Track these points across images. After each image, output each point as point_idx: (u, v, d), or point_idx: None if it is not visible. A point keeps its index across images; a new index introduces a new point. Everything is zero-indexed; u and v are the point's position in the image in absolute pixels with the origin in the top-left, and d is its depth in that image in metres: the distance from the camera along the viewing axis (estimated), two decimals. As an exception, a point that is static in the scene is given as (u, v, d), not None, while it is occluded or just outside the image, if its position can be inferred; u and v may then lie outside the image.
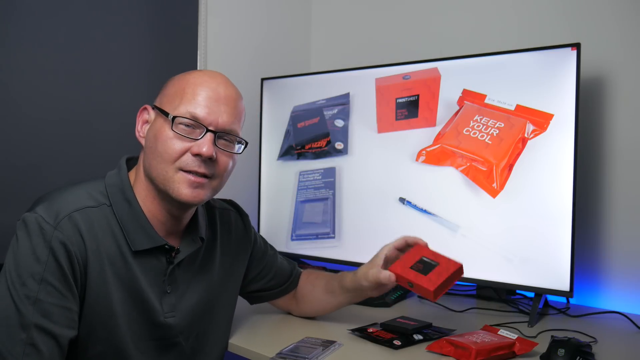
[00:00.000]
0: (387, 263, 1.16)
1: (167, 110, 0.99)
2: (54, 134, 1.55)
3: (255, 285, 1.28)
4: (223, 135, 1.01)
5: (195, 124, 0.98)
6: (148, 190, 1.02)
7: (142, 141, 1.03)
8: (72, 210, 0.94)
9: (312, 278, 1.32)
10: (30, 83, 1.51)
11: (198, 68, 1.84)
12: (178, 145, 0.97)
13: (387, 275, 1.12)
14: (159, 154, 0.98)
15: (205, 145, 0.97)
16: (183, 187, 0.98)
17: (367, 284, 1.17)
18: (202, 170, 0.99)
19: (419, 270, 1.00)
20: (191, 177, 0.98)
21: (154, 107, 1.03)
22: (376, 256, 1.18)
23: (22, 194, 1.42)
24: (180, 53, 1.82)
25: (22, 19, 1.48)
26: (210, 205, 1.20)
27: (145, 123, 1.04)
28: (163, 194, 1.01)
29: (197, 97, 0.99)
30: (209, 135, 0.99)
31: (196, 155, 0.98)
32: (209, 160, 0.99)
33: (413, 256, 1.08)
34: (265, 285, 1.29)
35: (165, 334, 1.04)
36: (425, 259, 1.02)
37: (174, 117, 0.97)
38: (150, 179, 1.01)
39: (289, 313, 1.37)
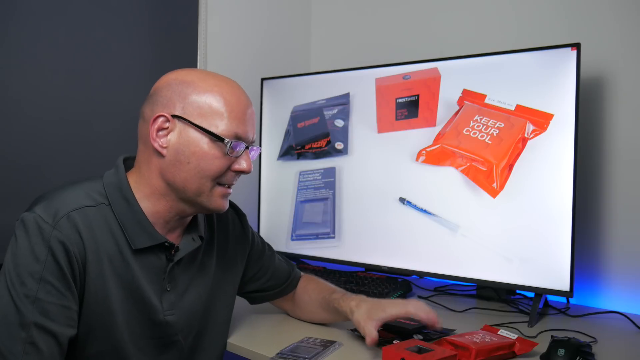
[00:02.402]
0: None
1: (206, 127, 0.98)
2: (54, 134, 1.55)
3: (253, 286, 1.28)
4: (250, 147, 1.05)
5: (237, 142, 1.01)
6: (160, 193, 1.02)
7: (164, 152, 0.99)
8: (70, 209, 0.94)
9: (309, 289, 1.31)
10: (30, 83, 1.51)
11: (198, 68, 1.84)
12: (223, 163, 1.00)
13: (371, 336, 1.07)
14: (201, 171, 0.99)
15: (246, 162, 1.03)
16: (219, 200, 1.03)
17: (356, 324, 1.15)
18: (235, 182, 1.05)
19: (413, 351, 1.00)
20: (225, 191, 1.04)
21: (177, 117, 0.98)
22: (376, 316, 1.12)
23: (22, 194, 1.42)
24: (180, 53, 1.82)
25: (22, 19, 1.48)
26: None
27: (160, 130, 0.99)
28: (189, 202, 1.02)
29: (237, 114, 1.00)
30: (247, 151, 1.03)
31: (237, 171, 1.02)
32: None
33: (409, 343, 1.07)
34: (262, 286, 1.28)
35: (164, 332, 1.04)
36: (421, 346, 1.03)
37: (230, 142, 0.98)
38: (179, 190, 1.00)
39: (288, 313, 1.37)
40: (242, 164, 1.02)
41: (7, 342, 0.87)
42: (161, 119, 0.99)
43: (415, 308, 1.13)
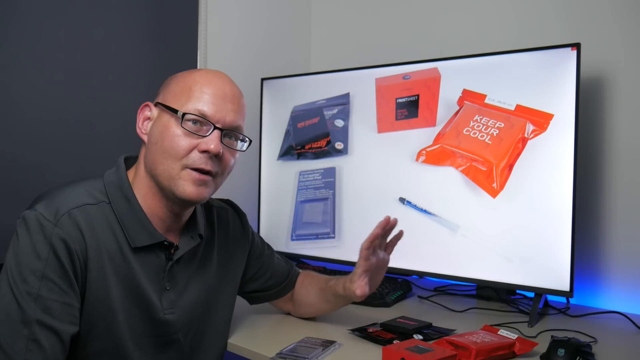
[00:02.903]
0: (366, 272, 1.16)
1: (174, 107, 1.00)
2: (54, 134, 1.55)
3: (253, 285, 1.28)
4: (229, 133, 1.03)
5: (203, 121, 0.99)
6: (149, 188, 1.03)
7: (145, 138, 1.04)
8: (71, 207, 0.95)
9: (307, 283, 1.31)
10: (30, 83, 1.51)
11: (198, 68, 1.84)
12: (186, 142, 0.98)
13: (361, 287, 1.13)
14: (165, 150, 0.99)
15: (213, 142, 0.99)
16: (187, 185, 0.99)
17: (354, 296, 1.18)
18: (208, 167, 1.00)
19: (413, 351, 1.00)
20: (196, 175, 0.99)
21: (157, 104, 1.03)
22: (353, 272, 1.17)
23: (22, 194, 1.42)
24: (180, 53, 1.82)
25: (22, 19, 1.48)
26: (208, 204, 1.20)
27: (146, 120, 1.04)
28: (166, 191, 1.01)
29: (205, 94, 1.00)
30: (217, 133, 1.00)
31: (203, 152, 0.99)
32: (214, 157, 1.00)
33: (409, 343, 1.07)
34: (262, 286, 1.29)
35: (164, 330, 1.05)
36: (421, 346, 1.03)
37: (183, 114, 0.98)
38: (153, 176, 1.01)
39: (289, 313, 1.37)
40: (209, 144, 0.98)
41: (10, 339, 0.88)
42: (145, 109, 1.04)
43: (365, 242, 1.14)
